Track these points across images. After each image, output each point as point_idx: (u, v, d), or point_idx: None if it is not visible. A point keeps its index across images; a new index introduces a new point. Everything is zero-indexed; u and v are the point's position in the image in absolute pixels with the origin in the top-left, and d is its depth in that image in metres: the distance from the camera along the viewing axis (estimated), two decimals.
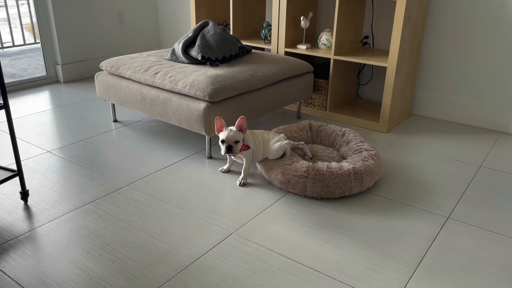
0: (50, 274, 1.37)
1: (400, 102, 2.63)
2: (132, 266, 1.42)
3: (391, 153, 2.27)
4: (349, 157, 2.03)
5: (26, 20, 4.18)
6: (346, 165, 1.85)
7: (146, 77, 2.22)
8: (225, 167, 2.05)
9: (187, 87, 2.05)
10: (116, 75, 2.41)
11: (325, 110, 2.75)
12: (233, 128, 1.84)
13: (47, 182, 1.93)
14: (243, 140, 1.86)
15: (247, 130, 1.91)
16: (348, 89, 2.91)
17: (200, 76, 2.07)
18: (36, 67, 4.09)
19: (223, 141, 1.82)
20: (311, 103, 2.81)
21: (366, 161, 1.90)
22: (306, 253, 1.49)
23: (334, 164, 1.85)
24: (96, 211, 1.71)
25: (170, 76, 2.14)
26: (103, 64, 2.45)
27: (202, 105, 2.01)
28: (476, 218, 1.72)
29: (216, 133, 1.87)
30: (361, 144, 2.06)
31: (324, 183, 1.79)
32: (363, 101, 2.98)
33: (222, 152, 1.84)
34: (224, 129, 1.84)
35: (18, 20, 4.01)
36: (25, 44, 4.36)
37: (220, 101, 2.06)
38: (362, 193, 1.88)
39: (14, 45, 4.22)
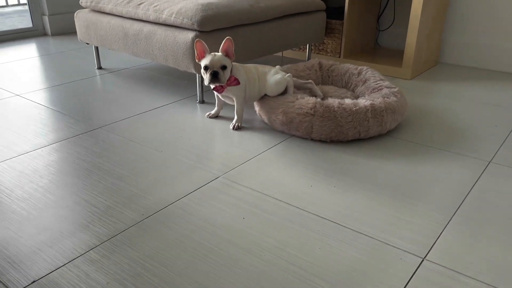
0: None
1: (426, 47, 2.26)
2: (87, 210, 1.12)
3: (417, 98, 1.92)
4: (366, 95, 1.69)
5: None
6: (362, 101, 1.51)
7: (128, 9, 1.90)
8: (213, 111, 1.72)
9: (173, 16, 1.73)
10: (97, 11, 2.11)
11: (339, 57, 2.40)
12: (218, 53, 1.52)
13: (5, 124, 1.64)
14: (231, 71, 1.53)
15: (238, 64, 1.59)
16: (366, 35, 2.55)
17: (189, 4, 1.75)
18: (27, 25, 3.81)
19: (206, 68, 1.49)
20: (323, 49, 2.46)
21: (387, 98, 1.56)
22: (309, 198, 1.17)
23: (347, 101, 1.52)
24: (55, 153, 1.42)
25: (155, 6, 1.82)
26: (83, 0, 2.14)
27: (190, 35, 1.69)
28: None
29: (197, 60, 1.54)
30: (381, 82, 1.72)
31: (335, 122, 1.46)
32: (383, 49, 2.61)
33: (206, 82, 1.50)
34: (207, 54, 1.52)
35: None
36: (19, 4, 4.11)
37: (212, 32, 1.73)
38: (381, 135, 1.55)
39: (7, 5, 3.98)
